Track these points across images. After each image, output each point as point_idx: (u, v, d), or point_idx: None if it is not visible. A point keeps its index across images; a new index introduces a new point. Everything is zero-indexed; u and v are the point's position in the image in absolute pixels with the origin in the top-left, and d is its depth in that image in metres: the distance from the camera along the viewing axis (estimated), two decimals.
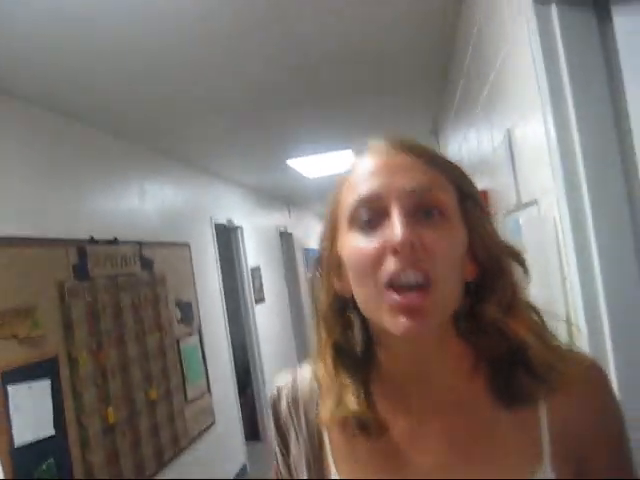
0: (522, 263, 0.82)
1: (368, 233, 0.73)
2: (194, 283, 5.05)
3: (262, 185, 7.62)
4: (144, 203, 4.42)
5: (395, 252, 0.70)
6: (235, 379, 5.90)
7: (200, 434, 4.72)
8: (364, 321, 0.81)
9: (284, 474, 0.91)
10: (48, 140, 3.36)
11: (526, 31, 1.55)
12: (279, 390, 0.93)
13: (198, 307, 5.04)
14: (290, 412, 0.90)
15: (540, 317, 0.81)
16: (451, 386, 0.80)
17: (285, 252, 9.03)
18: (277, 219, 8.86)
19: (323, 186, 7.99)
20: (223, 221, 6.17)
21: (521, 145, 1.82)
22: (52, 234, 3.18)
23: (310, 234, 10.94)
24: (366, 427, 0.80)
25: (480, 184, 2.20)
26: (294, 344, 8.78)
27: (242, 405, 5.93)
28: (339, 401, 0.80)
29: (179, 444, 4.32)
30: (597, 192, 1.36)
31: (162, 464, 4.02)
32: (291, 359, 8.38)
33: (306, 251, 10.35)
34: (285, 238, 9.11)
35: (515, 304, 0.78)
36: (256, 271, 7.08)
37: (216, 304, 5.65)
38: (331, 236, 0.81)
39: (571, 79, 1.39)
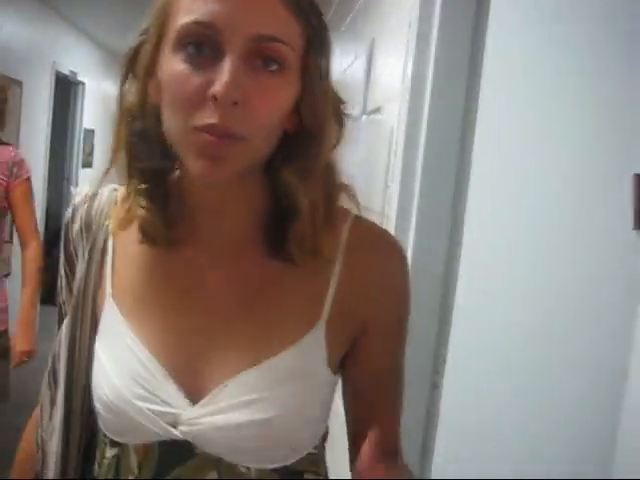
0: (342, 125, 0.79)
1: (194, 63, 0.66)
2: (18, 125, 4.67)
3: (119, 47, 7.14)
4: None
5: (215, 101, 0.64)
6: (43, 238, 5.62)
7: None
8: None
9: (65, 298, 0.86)
10: None
11: None
12: (74, 209, 0.86)
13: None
14: (82, 230, 0.84)
15: (336, 185, 0.79)
16: (240, 231, 0.79)
17: None
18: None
19: None
20: (66, 72, 5.72)
21: (380, 57, 1.85)
22: None
23: None
24: (151, 235, 0.78)
25: None
26: None
27: (46, 266, 5.69)
28: (130, 206, 0.77)
29: None
30: (435, 111, 1.42)
31: None
32: None
33: None
34: None
35: (315, 169, 0.74)
36: (89, 133, 6.69)
37: (39, 155, 5.29)
38: (155, 39, 0.71)
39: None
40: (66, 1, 5.10)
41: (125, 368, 0.75)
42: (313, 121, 0.73)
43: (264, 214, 0.78)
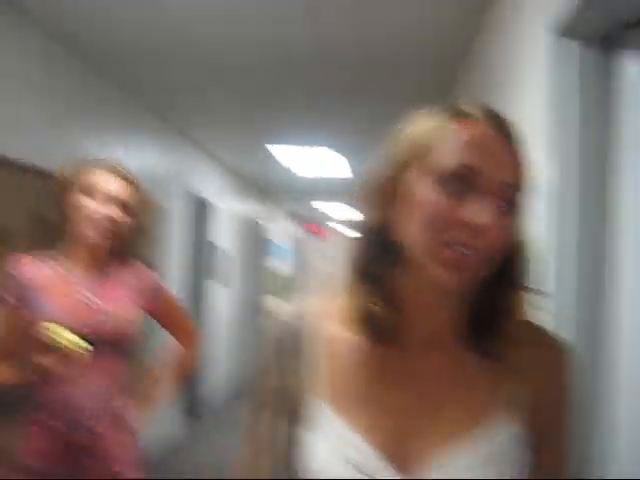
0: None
1: (450, 195, 0.81)
2: (159, 247, 5.04)
3: (242, 169, 7.64)
4: (128, 157, 4.42)
5: (471, 228, 0.80)
6: None
7: None
8: (395, 250, 0.88)
9: (267, 398, 0.95)
10: (45, 68, 3.41)
11: (540, 63, 1.64)
12: (282, 328, 0.97)
13: (157, 271, 5.00)
14: (292, 345, 0.95)
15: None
16: (446, 327, 0.92)
17: (252, 241, 9.04)
18: (250, 207, 8.88)
19: (301, 187, 8.05)
20: (199, 195, 6.18)
21: None
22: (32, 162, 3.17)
23: (276, 229, 11.00)
24: (386, 330, 0.89)
25: None
26: (248, 330, 8.94)
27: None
28: (365, 303, 0.89)
29: None
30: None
31: None
32: (241, 343, 8.59)
33: (269, 243, 10.42)
34: (254, 227, 9.13)
35: (522, 287, 0.90)
36: (222, 252, 7.10)
37: (174, 274, 5.64)
38: (400, 168, 0.87)
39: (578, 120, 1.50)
40: (199, 130, 5.62)
41: (339, 453, 0.85)
42: (516, 247, 0.89)
43: (463, 314, 0.91)
